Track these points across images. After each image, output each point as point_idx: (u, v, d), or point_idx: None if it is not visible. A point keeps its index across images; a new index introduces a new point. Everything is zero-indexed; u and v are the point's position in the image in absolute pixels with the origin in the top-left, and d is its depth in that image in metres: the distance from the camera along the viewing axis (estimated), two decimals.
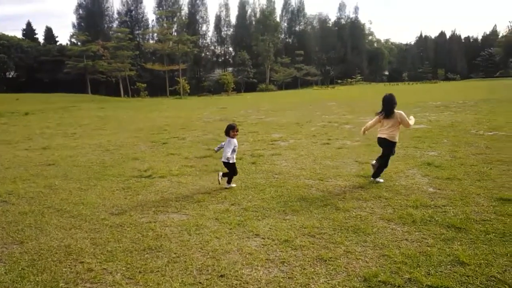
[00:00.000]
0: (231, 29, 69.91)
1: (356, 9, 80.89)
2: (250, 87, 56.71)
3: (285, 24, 74.75)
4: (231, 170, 5.65)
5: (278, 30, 70.08)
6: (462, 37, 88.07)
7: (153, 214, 4.61)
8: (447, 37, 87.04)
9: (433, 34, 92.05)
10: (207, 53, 69.32)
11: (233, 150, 5.61)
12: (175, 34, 56.18)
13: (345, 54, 72.63)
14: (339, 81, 66.13)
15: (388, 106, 5.53)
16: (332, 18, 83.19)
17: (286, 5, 73.93)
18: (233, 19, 70.46)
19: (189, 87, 48.47)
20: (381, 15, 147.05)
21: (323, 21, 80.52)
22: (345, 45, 73.48)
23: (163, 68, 51.66)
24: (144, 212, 4.68)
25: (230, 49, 71.39)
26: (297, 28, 74.95)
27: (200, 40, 65.67)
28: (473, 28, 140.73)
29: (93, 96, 43.35)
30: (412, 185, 5.34)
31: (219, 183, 5.65)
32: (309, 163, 7.05)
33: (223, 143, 5.75)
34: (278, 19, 71.28)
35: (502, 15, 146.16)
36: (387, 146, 5.59)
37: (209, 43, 70.03)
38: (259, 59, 61.64)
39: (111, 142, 10.38)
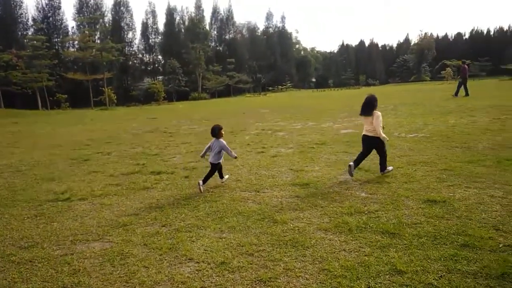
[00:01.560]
0: (160, 37, 68.07)
1: (283, 19, 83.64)
2: (182, 96, 55.50)
3: (215, 32, 74.75)
4: (219, 170, 6.12)
5: (208, 38, 69.83)
6: (380, 45, 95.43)
7: (70, 245, 4.06)
8: (366, 45, 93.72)
9: (354, 42, 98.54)
10: (135, 61, 66.63)
11: (220, 152, 6.02)
12: (98, 41, 53.15)
13: (274, 61, 74.64)
14: (270, 88, 67.67)
15: (366, 107, 5.93)
16: (261, 27, 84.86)
17: (215, 13, 74.04)
18: (161, 27, 68.74)
19: (115, 97, 46.01)
20: (306, 25, 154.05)
21: (252, 29, 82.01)
22: (274, 53, 75.54)
23: (86, 77, 48.44)
24: (59, 243, 4.10)
25: (159, 57, 69.43)
26: (227, 36, 75.40)
27: (126, 48, 62.93)
28: (389, 36, 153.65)
29: (6, 110, 39.11)
30: (346, 191, 5.38)
31: (202, 191, 5.74)
32: (244, 174, 6.87)
33: (208, 145, 6.17)
34: (207, 27, 71.05)
35: (413, 24, 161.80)
36: (372, 141, 6.00)
37: (137, 51, 67.46)
38: (190, 67, 60.76)
39: (24, 161, 9.27)
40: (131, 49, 65.82)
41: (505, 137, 8.32)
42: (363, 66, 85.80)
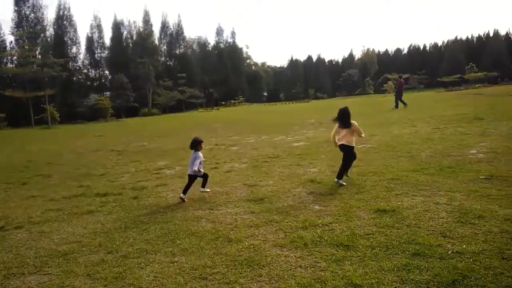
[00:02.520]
0: (106, 51, 65.72)
1: (233, 34, 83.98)
2: (131, 112, 53.67)
3: (165, 47, 73.62)
4: (203, 177, 6.33)
5: (158, 52, 68.64)
6: (326, 60, 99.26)
7: (3, 280, 3.64)
8: (314, 60, 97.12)
9: (302, 57, 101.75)
10: (80, 76, 63.58)
11: (201, 162, 6.18)
12: (39, 56, 50.22)
13: (226, 76, 74.85)
14: (223, 102, 67.62)
15: (344, 118, 6.47)
16: (211, 42, 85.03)
17: (164, 28, 72.92)
18: (107, 41, 66.46)
19: (58, 114, 43.53)
20: (257, 40, 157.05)
21: (202, 44, 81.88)
22: (226, 68, 75.86)
23: (26, 95, 45.40)
24: None
25: (106, 72, 66.91)
26: (177, 51, 74.57)
27: (70, 63, 60.03)
28: (335, 52, 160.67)
29: None
30: (299, 205, 5.38)
31: (185, 201, 5.95)
32: (197, 191, 6.65)
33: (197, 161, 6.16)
34: (156, 42, 69.86)
35: (356, 40, 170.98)
36: (348, 150, 6.43)
37: (81, 66, 64.44)
38: (139, 82, 59.19)
39: None
40: (75, 64, 62.80)
41: (445, 146, 8.84)
42: (311, 80, 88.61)
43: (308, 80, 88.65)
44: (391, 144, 9.60)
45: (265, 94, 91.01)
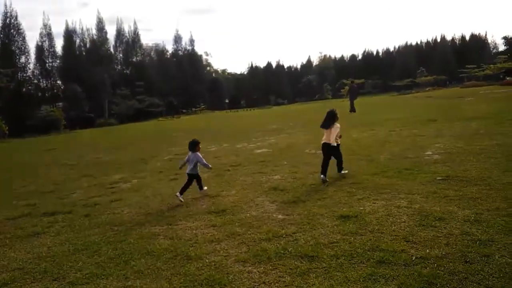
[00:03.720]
0: (58, 61, 62.75)
1: (192, 42, 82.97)
2: (86, 123, 51.41)
3: (121, 55, 71.54)
4: (198, 182, 6.64)
5: (113, 60, 66.60)
6: (285, 66, 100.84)
7: None
8: (274, 66, 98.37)
9: (262, 64, 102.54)
10: (30, 87, 60.16)
11: (196, 164, 6.50)
12: None
13: (186, 84, 73.86)
14: (183, 110, 66.58)
15: (328, 120, 6.85)
16: (170, 49, 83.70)
17: (120, 35, 70.82)
18: (59, 50, 63.48)
19: (7, 128, 40.85)
20: (216, 47, 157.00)
21: (160, 52, 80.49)
22: (186, 76, 74.89)
23: None
24: None
25: (59, 82, 63.81)
26: (134, 59, 72.72)
27: (19, 74, 56.71)
28: (293, 58, 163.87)
29: None
30: (263, 215, 5.21)
31: (182, 201, 6.20)
32: (155, 205, 6.32)
33: (186, 158, 6.67)
34: (112, 50, 67.76)
35: (314, 47, 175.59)
36: (332, 149, 6.75)
37: (31, 76, 61.06)
38: (94, 91, 56.97)
39: None
40: (24, 74, 59.45)
41: (402, 148, 9.06)
42: (272, 86, 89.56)
43: (268, 86, 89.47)
44: (351, 148, 9.70)
45: (227, 101, 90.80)
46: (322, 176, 6.61)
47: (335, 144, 6.79)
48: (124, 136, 24.69)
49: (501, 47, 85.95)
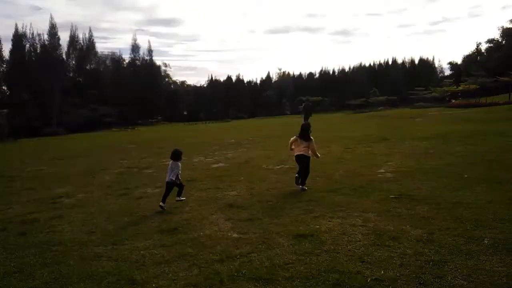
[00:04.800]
0: (4, 65, 58.85)
1: (150, 52, 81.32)
2: (33, 132, 48.31)
3: (74, 62, 68.46)
4: (179, 187, 6.80)
5: (65, 67, 63.59)
6: (246, 81, 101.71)
7: None
8: (233, 80, 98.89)
9: (222, 77, 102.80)
10: None
11: (179, 172, 6.62)
12: None
13: (143, 94, 72.04)
14: (139, 122, 64.67)
15: (305, 132, 7.32)
16: (127, 58, 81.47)
17: (73, 42, 67.83)
18: (6, 54, 59.60)
19: None
20: (176, 59, 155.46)
21: (117, 60, 78.17)
22: (143, 86, 73.14)
23: None
24: None
25: (4, 87, 59.74)
26: (88, 67, 69.90)
27: None
28: (253, 73, 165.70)
29: None
30: (217, 233, 4.98)
31: (164, 209, 6.29)
32: (101, 223, 5.86)
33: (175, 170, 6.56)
34: (64, 56, 64.70)
35: (273, 63, 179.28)
36: (304, 160, 7.24)
37: None
38: (43, 99, 53.86)
39: None
40: None
41: (356, 165, 9.23)
42: (232, 100, 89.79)
43: (228, 99, 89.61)
44: None
45: (185, 113, 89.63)
46: (297, 175, 7.15)
47: (318, 155, 7.53)
48: (72, 147, 23.36)
49: (447, 72, 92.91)
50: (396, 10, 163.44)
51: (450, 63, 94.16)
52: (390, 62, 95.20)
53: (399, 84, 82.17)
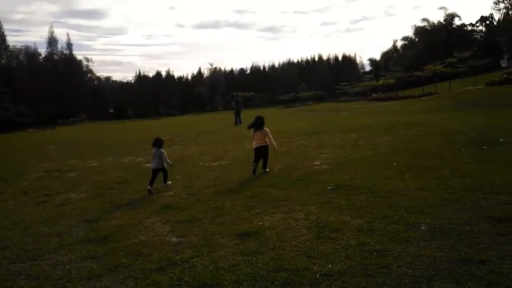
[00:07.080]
0: None
1: (69, 46, 75.30)
2: None
3: None
4: (164, 173, 7.43)
5: None
6: (176, 76, 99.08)
7: None
8: (163, 76, 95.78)
9: (151, 73, 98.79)
10: None
11: (159, 159, 7.36)
12: None
13: (62, 91, 66.55)
14: (59, 121, 59.67)
15: (259, 124, 8.08)
16: (43, 52, 74.57)
17: None
18: None
19: None
20: (99, 53, 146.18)
21: (32, 55, 71.24)
22: (62, 82, 67.58)
23: None
24: None
25: None
26: None
27: None
28: (184, 68, 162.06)
29: None
30: (154, 239, 4.60)
31: (152, 193, 6.83)
32: (17, 236, 5.14)
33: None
34: None
35: (203, 58, 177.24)
36: (263, 151, 7.95)
37: None
38: None
39: None
40: None
41: (292, 159, 9.32)
42: (161, 96, 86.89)
43: (158, 96, 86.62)
44: (245, 160, 9.62)
45: (112, 111, 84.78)
46: (255, 164, 7.82)
47: (275, 145, 8.11)
48: None
49: (367, 67, 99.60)
50: (321, 8, 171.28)
51: (370, 59, 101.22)
52: (316, 59, 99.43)
53: (325, 79, 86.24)
